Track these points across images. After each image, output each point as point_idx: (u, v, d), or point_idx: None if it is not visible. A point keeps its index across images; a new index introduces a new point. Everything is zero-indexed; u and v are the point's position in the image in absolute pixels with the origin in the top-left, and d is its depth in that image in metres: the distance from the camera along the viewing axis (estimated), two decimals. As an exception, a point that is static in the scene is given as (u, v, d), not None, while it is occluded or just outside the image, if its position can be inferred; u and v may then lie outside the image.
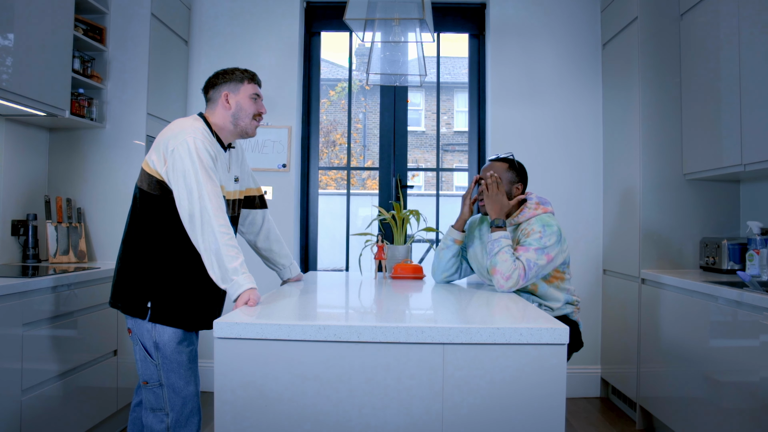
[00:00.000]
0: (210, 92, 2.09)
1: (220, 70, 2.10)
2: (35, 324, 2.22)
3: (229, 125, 2.06)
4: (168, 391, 1.96)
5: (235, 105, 2.05)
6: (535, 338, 1.44)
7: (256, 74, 2.13)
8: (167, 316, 1.96)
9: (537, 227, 2.19)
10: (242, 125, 2.07)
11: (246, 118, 2.07)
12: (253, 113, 2.08)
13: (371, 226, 3.02)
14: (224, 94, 2.05)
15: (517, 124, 3.71)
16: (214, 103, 2.07)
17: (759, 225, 2.67)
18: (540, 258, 2.14)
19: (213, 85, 2.08)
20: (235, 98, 2.05)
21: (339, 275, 2.87)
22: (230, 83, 2.06)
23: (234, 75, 2.07)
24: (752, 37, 2.48)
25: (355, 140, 10.64)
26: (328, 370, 1.46)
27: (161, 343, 1.95)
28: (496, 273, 2.13)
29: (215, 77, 2.09)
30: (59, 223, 2.95)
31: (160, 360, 1.96)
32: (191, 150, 1.87)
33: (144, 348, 1.97)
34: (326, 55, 11.47)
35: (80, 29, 2.90)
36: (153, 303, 1.95)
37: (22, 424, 2.13)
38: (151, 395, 1.97)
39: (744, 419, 2.16)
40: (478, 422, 1.45)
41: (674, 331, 2.71)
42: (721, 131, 2.73)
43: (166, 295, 1.96)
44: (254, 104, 2.08)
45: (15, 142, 2.88)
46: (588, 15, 3.73)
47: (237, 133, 2.09)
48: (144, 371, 1.97)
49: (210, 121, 2.06)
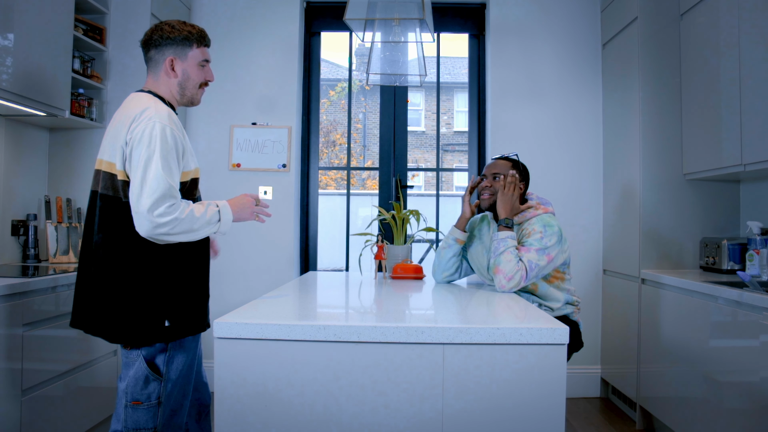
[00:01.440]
0: (151, 51, 1.82)
1: (163, 23, 1.82)
2: (35, 324, 2.22)
3: (176, 94, 1.84)
4: (165, 408, 1.76)
5: (182, 73, 1.82)
6: (535, 338, 1.44)
7: (206, 34, 1.87)
8: (186, 328, 1.78)
9: (538, 227, 2.20)
10: (189, 95, 1.86)
11: (193, 88, 1.85)
12: (199, 82, 1.86)
13: (371, 226, 3.02)
14: (169, 59, 1.80)
15: (517, 124, 3.71)
16: (157, 66, 1.82)
17: (759, 225, 2.67)
18: (541, 258, 2.15)
19: (156, 44, 1.80)
20: (182, 65, 1.81)
21: (339, 275, 2.87)
22: (176, 46, 1.80)
23: (182, 35, 1.80)
24: (752, 37, 2.48)
25: (355, 140, 10.64)
26: (328, 370, 1.46)
27: (176, 357, 1.77)
28: (499, 273, 2.13)
29: (158, 33, 1.80)
30: (59, 223, 2.95)
31: (169, 375, 1.76)
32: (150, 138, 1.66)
33: (150, 366, 1.74)
34: (326, 55, 11.48)
35: (80, 29, 2.90)
36: (171, 320, 1.74)
37: (22, 424, 2.13)
38: (141, 415, 1.72)
39: (744, 419, 2.16)
40: (478, 422, 1.45)
41: (674, 331, 2.71)
42: (721, 131, 2.73)
43: (180, 307, 1.77)
44: (202, 71, 1.85)
45: (15, 142, 2.88)
46: (588, 15, 3.73)
47: (183, 102, 1.87)
48: (140, 391, 1.72)
49: (158, 91, 1.83)
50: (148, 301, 1.72)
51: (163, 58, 1.80)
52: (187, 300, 1.80)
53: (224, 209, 1.78)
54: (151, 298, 1.73)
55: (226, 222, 1.78)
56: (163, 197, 1.64)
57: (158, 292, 1.74)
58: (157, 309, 1.73)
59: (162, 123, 1.69)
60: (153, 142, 1.66)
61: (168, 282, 1.75)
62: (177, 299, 1.76)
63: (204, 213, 1.72)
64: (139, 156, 1.67)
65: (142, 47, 1.85)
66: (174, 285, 1.76)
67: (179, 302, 1.77)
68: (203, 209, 1.73)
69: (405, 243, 2.69)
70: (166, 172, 1.66)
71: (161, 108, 1.74)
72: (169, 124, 1.71)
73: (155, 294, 1.73)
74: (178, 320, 1.76)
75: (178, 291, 1.77)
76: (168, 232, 1.65)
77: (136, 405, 1.72)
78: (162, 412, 1.75)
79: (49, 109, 2.61)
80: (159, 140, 1.67)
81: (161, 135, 1.67)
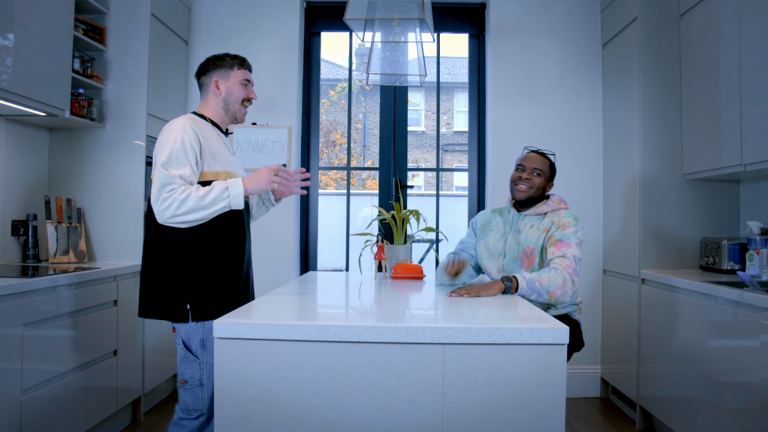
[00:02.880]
0: (202, 78, 2.15)
1: (212, 56, 2.15)
2: (35, 324, 2.22)
3: (221, 111, 2.13)
4: (207, 391, 1.96)
5: (225, 91, 2.11)
6: (535, 338, 1.44)
7: (246, 59, 2.18)
8: (209, 311, 1.96)
9: (571, 220, 2.29)
10: (232, 110, 2.13)
11: (236, 104, 2.13)
12: (242, 98, 2.14)
13: (371, 226, 3.02)
14: (215, 81, 2.11)
15: (517, 124, 3.71)
16: (206, 89, 2.14)
17: (759, 225, 2.67)
18: (581, 251, 2.24)
19: (204, 71, 2.14)
20: (225, 84, 2.11)
21: (339, 275, 2.87)
22: (220, 69, 2.12)
23: (224, 61, 2.13)
24: (752, 37, 2.48)
25: (355, 140, 10.64)
26: (328, 370, 1.46)
27: (209, 341, 1.96)
28: (556, 294, 2.11)
29: (206, 63, 2.14)
30: (59, 223, 2.95)
31: (205, 359, 1.96)
32: (165, 143, 1.93)
33: (187, 347, 1.96)
34: (326, 55, 11.47)
35: (80, 29, 2.90)
36: (192, 304, 1.96)
37: (22, 424, 2.13)
38: (188, 395, 1.96)
39: (744, 419, 2.16)
40: (478, 422, 1.45)
41: (674, 331, 2.71)
42: (721, 131, 2.73)
43: (202, 293, 1.97)
44: (244, 90, 2.14)
45: (15, 142, 2.88)
46: (588, 15, 3.73)
47: (228, 118, 2.15)
48: (184, 370, 1.96)
49: (203, 112, 2.13)
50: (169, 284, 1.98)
51: (210, 80, 2.12)
52: (205, 286, 1.98)
53: (233, 183, 1.96)
54: (171, 282, 1.97)
55: (236, 195, 1.94)
56: (162, 186, 1.89)
57: (177, 276, 1.97)
58: (178, 292, 1.96)
59: (173, 131, 1.95)
60: (162, 146, 1.94)
61: (190, 270, 1.97)
62: (195, 285, 1.97)
63: (210, 190, 1.92)
64: (154, 161, 1.96)
65: (196, 78, 2.17)
66: (191, 272, 1.97)
67: (198, 288, 1.97)
68: (210, 188, 1.93)
69: (405, 243, 2.69)
70: (166, 167, 1.90)
71: (178, 120, 2.00)
72: (181, 131, 1.95)
73: (174, 279, 1.97)
74: (197, 304, 1.97)
75: (196, 277, 1.97)
76: (175, 214, 1.88)
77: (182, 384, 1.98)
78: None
79: (49, 109, 2.61)
80: (169, 144, 1.93)
81: (172, 140, 1.93)
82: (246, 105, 2.16)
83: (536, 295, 2.10)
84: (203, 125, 2.06)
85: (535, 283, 2.09)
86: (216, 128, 2.12)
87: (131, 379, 2.95)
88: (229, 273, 2.05)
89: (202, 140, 1.98)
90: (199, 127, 2.01)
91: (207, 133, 2.03)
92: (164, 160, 1.91)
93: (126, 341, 2.89)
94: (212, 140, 2.04)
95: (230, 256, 2.04)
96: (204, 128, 2.04)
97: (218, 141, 2.08)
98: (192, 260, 1.97)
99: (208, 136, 2.03)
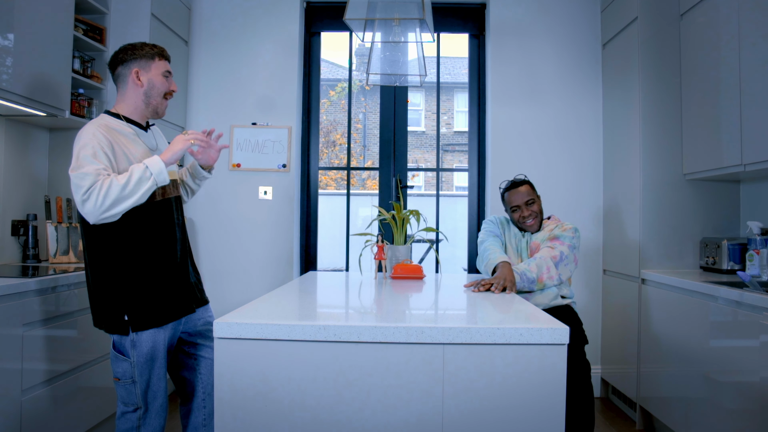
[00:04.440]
0: (118, 68, 2.01)
1: (127, 44, 2.03)
2: (35, 324, 2.22)
3: (141, 104, 2.02)
4: (140, 387, 1.95)
5: (147, 83, 2.00)
6: (535, 338, 1.44)
7: (165, 49, 2.07)
8: (147, 320, 1.94)
9: (571, 227, 2.59)
10: (154, 104, 2.03)
11: (158, 96, 2.03)
12: (164, 91, 2.04)
13: (371, 227, 3.02)
14: (134, 71, 1.99)
15: (517, 124, 3.71)
16: (124, 81, 2.01)
17: (759, 225, 2.67)
18: (570, 254, 2.51)
19: (122, 61, 2.00)
20: (147, 75, 2.00)
21: (339, 275, 2.87)
22: (140, 60, 2.00)
23: (143, 50, 2.01)
24: (752, 37, 2.48)
25: (355, 140, 10.64)
26: (328, 370, 1.46)
27: (138, 342, 1.93)
28: (543, 280, 2.44)
29: (122, 52, 2.01)
30: (59, 223, 2.95)
31: (135, 358, 1.93)
32: (74, 155, 1.85)
33: (117, 349, 1.95)
34: (326, 55, 11.48)
35: (80, 29, 2.90)
36: (129, 315, 1.92)
37: (22, 424, 2.13)
38: (123, 391, 1.95)
39: (744, 419, 2.16)
40: (478, 422, 1.45)
41: (674, 331, 2.71)
42: (721, 131, 2.73)
43: (139, 302, 1.93)
44: (165, 82, 2.04)
45: (15, 142, 2.88)
46: (588, 15, 3.73)
47: (149, 112, 2.04)
48: (116, 368, 1.95)
49: (119, 110, 2.01)
50: (108, 296, 1.94)
51: (129, 71, 1.99)
52: (142, 296, 1.94)
53: (151, 161, 1.88)
54: (109, 294, 1.93)
55: (158, 171, 1.88)
56: (78, 187, 1.80)
57: (117, 289, 1.93)
58: (116, 304, 1.93)
59: (80, 139, 1.87)
60: (75, 148, 1.86)
61: (124, 281, 1.93)
62: (132, 295, 1.93)
63: (129, 175, 1.84)
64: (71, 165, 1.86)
65: (110, 69, 2.03)
66: (127, 282, 1.93)
67: (135, 298, 1.93)
68: (128, 173, 1.85)
69: (405, 243, 2.69)
70: (76, 169, 1.82)
71: (87, 128, 1.89)
72: (91, 139, 1.86)
73: (112, 291, 1.93)
74: (135, 314, 1.93)
75: (132, 288, 1.93)
76: (101, 209, 1.80)
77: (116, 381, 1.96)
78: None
79: (49, 109, 2.61)
80: (80, 144, 1.86)
81: (81, 146, 1.85)
82: (167, 98, 2.06)
83: (528, 283, 2.41)
84: (117, 129, 1.95)
85: (526, 275, 2.39)
86: (134, 126, 2.00)
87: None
88: (162, 278, 1.99)
89: (115, 147, 1.89)
90: (111, 135, 1.90)
91: (121, 138, 1.93)
92: (73, 164, 1.82)
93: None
94: (127, 145, 1.94)
95: (161, 261, 1.98)
96: (117, 134, 1.93)
97: (134, 143, 1.97)
98: (124, 269, 1.92)
99: (122, 141, 1.93)
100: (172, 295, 2.01)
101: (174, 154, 1.94)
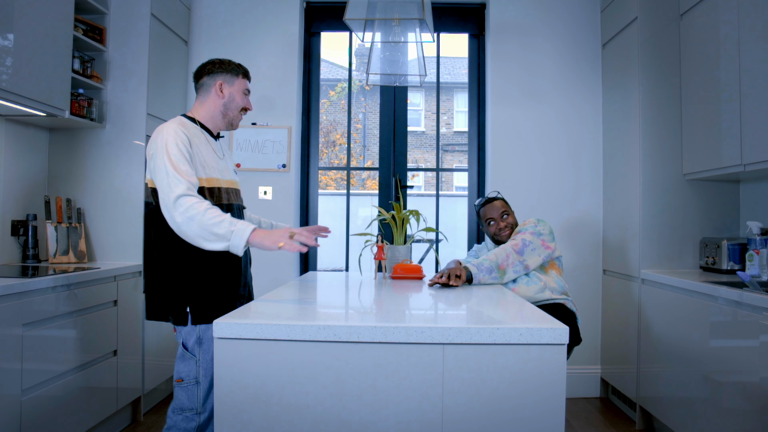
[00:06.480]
0: (204, 78, 2.13)
1: (216, 58, 2.17)
2: (35, 324, 2.22)
3: (219, 114, 2.13)
4: (203, 390, 1.96)
5: (228, 95, 2.12)
6: (535, 338, 1.44)
7: (249, 71, 2.22)
8: (208, 315, 1.97)
9: (532, 220, 2.60)
10: (230, 116, 2.15)
11: (235, 110, 2.15)
12: (242, 106, 2.17)
13: (371, 227, 3.02)
14: (219, 83, 2.11)
15: (517, 124, 3.71)
16: (207, 90, 2.13)
17: (759, 225, 2.67)
18: (535, 239, 2.49)
19: (209, 72, 2.13)
20: (230, 89, 2.13)
21: (339, 275, 2.87)
22: (226, 74, 2.13)
23: (230, 66, 2.14)
24: (752, 37, 2.48)
25: (355, 140, 10.64)
26: (328, 370, 1.46)
27: (205, 340, 1.97)
28: (504, 267, 2.43)
29: (211, 64, 2.14)
30: (59, 223, 2.95)
31: (201, 356, 1.96)
32: (161, 147, 1.92)
33: (184, 346, 1.98)
34: (326, 55, 11.47)
35: (80, 29, 2.90)
36: (191, 307, 1.98)
37: (22, 424, 2.13)
38: (183, 394, 1.96)
39: (744, 419, 2.16)
40: (478, 422, 1.45)
41: (674, 331, 2.71)
42: (720, 131, 2.73)
43: (201, 296, 1.99)
44: (244, 98, 2.17)
45: (15, 142, 2.88)
46: (588, 15, 3.73)
47: (224, 123, 2.16)
48: (181, 368, 1.97)
49: (195, 114, 2.13)
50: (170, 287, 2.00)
51: (214, 82, 2.12)
52: (204, 290, 1.99)
53: (242, 230, 1.84)
54: (171, 286, 1.99)
55: (237, 243, 1.84)
56: (178, 196, 1.86)
57: (177, 281, 1.99)
58: (178, 296, 1.98)
59: (163, 134, 1.94)
60: (160, 152, 1.92)
61: (190, 273, 1.98)
62: (194, 289, 1.98)
63: (220, 222, 1.84)
64: (153, 167, 1.93)
65: (195, 78, 2.15)
66: (190, 276, 1.98)
67: (197, 292, 1.99)
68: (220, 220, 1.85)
69: (405, 243, 2.69)
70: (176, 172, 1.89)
71: (169, 125, 1.98)
72: (174, 136, 1.94)
73: (174, 283, 1.99)
74: (197, 307, 1.98)
75: (194, 282, 1.99)
76: (181, 224, 1.85)
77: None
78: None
79: (49, 109, 2.61)
80: (163, 137, 1.93)
81: (166, 144, 1.93)
82: (242, 114, 2.19)
83: (487, 273, 2.39)
84: (193, 130, 2.04)
85: (483, 264, 2.39)
86: (205, 132, 2.11)
87: (131, 379, 2.95)
88: (227, 276, 2.05)
89: (192, 147, 1.99)
90: (189, 133, 2.00)
91: (196, 140, 2.02)
92: (161, 153, 1.90)
93: (126, 341, 2.89)
94: (201, 147, 2.04)
95: (229, 259, 2.03)
96: (193, 134, 2.03)
97: (206, 147, 2.07)
98: (191, 264, 1.98)
99: (197, 142, 2.02)
100: (233, 292, 2.06)
101: (268, 245, 1.85)
